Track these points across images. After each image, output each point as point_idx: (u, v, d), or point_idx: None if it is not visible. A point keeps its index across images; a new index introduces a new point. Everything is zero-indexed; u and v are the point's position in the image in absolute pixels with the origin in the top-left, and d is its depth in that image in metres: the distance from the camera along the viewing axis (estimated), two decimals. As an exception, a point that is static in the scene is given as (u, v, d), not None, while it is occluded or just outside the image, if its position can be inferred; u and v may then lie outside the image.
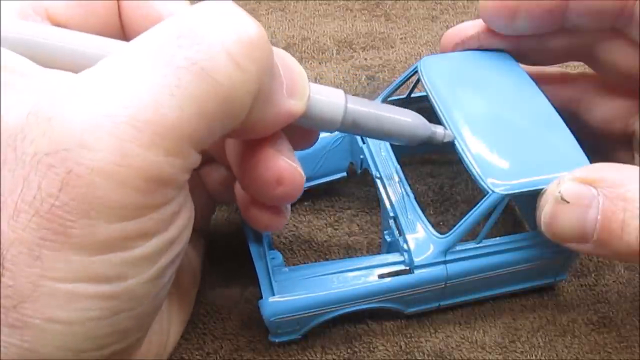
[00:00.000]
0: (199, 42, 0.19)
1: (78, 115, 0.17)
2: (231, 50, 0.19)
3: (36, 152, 0.17)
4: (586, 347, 0.31)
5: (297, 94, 0.23)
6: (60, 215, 0.17)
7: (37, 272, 0.18)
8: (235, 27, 0.19)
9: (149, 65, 0.18)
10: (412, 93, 0.36)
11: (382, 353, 0.31)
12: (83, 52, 0.22)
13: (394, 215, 0.31)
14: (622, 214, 0.24)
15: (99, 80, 0.18)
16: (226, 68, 0.19)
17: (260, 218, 0.27)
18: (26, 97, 0.19)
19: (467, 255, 0.29)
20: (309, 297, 0.28)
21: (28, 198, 0.17)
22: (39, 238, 0.17)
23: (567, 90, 0.35)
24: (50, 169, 0.17)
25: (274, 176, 0.24)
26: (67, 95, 0.18)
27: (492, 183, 0.27)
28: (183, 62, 0.18)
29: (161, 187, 0.19)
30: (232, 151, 0.26)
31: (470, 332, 0.32)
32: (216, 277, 0.34)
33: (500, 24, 0.31)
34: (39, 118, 0.18)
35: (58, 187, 0.17)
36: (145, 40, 0.19)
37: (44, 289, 0.18)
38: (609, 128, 0.33)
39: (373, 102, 0.27)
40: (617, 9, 0.28)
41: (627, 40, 0.30)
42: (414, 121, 0.27)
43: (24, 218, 0.17)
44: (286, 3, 0.53)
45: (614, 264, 0.35)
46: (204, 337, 0.31)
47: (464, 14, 0.52)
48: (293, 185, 0.25)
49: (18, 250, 0.17)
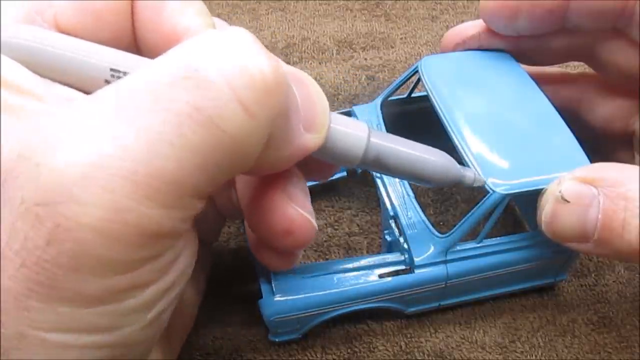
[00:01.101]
0: (205, 86, 0.17)
1: (69, 166, 0.16)
2: (242, 96, 0.17)
3: (24, 199, 0.16)
4: (586, 347, 0.31)
5: (316, 127, 0.21)
6: (48, 268, 0.16)
7: (25, 322, 0.17)
8: (247, 68, 0.17)
9: (148, 108, 0.17)
10: (412, 93, 0.36)
11: (382, 353, 0.31)
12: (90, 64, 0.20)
13: (394, 215, 0.31)
14: (623, 213, 0.24)
15: (93, 122, 0.17)
16: (235, 116, 0.17)
17: (268, 260, 0.26)
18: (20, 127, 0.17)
19: (468, 255, 0.29)
20: (309, 296, 0.28)
21: (15, 247, 0.16)
22: (26, 289, 0.16)
23: (568, 90, 0.35)
24: (37, 220, 0.16)
25: (283, 226, 0.23)
26: (59, 138, 0.17)
27: (492, 183, 0.27)
28: (186, 108, 0.16)
29: (157, 241, 0.18)
30: (242, 187, 0.25)
31: (470, 332, 0.32)
32: (216, 276, 0.34)
33: (500, 24, 0.31)
34: (29, 162, 0.16)
35: (45, 240, 0.16)
36: (147, 77, 0.17)
37: (31, 339, 0.17)
38: (609, 128, 0.33)
39: (399, 138, 0.24)
40: (617, 9, 0.28)
41: (628, 40, 0.30)
42: (443, 163, 0.25)
43: (10, 267, 0.16)
44: (286, 3, 0.53)
45: (614, 264, 0.35)
46: (204, 337, 0.31)
47: (464, 14, 0.53)
48: (303, 236, 0.23)
49: (4, 299, 0.16)
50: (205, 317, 0.32)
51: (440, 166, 0.24)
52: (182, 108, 0.17)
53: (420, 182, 0.25)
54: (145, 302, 0.19)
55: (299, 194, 0.23)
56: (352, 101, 0.44)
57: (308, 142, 0.20)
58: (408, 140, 0.24)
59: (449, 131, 0.29)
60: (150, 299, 0.19)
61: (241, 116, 0.17)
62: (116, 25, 0.23)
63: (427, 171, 0.24)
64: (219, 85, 0.17)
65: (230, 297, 0.33)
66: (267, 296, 0.28)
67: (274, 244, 0.24)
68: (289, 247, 0.24)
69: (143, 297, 0.18)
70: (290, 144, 0.20)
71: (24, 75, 0.19)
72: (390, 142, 0.23)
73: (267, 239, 0.24)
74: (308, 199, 0.24)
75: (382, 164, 0.23)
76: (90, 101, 0.18)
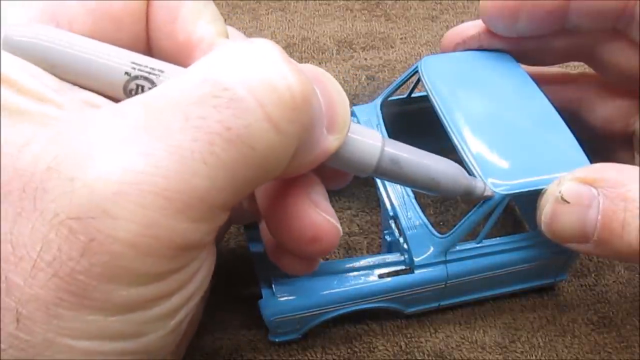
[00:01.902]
0: (235, 105, 0.17)
1: (102, 181, 0.16)
2: (271, 114, 0.17)
3: (57, 212, 0.16)
4: (586, 347, 0.31)
5: (338, 128, 0.21)
6: (81, 279, 0.17)
7: (53, 329, 0.17)
8: (276, 85, 0.17)
9: (178, 126, 0.17)
10: (413, 93, 0.36)
11: (382, 353, 0.31)
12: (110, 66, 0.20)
13: (394, 215, 0.31)
14: (623, 213, 0.24)
15: (122, 137, 0.17)
16: (265, 134, 0.17)
17: (288, 265, 0.26)
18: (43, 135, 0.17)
19: (467, 255, 0.29)
20: (309, 297, 0.28)
21: (47, 258, 0.17)
22: (57, 298, 0.17)
23: (568, 90, 0.35)
24: (72, 233, 0.16)
25: (309, 233, 0.22)
26: (90, 153, 0.17)
27: (492, 183, 0.27)
28: (217, 127, 0.17)
29: (186, 253, 0.18)
30: (262, 194, 0.24)
31: (470, 332, 0.32)
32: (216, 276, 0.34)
33: (500, 25, 0.31)
34: (60, 175, 0.17)
35: (80, 253, 0.16)
36: (175, 94, 0.17)
37: (59, 346, 0.17)
38: (609, 128, 0.33)
39: (412, 147, 0.24)
40: (618, 9, 0.28)
41: (628, 40, 0.30)
42: (454, 173, 0.25)
43: (42, 277, 0.17)
44: (286, 3, 0.53)
45: (614, 264, 0.35)
46: (204, 337, 0.31)
47: (464, 14, 0.53)
48: (329, 242, 0.23)
49: (35, 307, 0.17)
50: (206, 317, 0.32)
51: (451, 176, 0.25)
52: (213, 127, 0.17)
53: (431, 191, 0.25)
54: (170, 310, 0.19)
55: (322, 200, 0.23)
56: (352, 101, 0.44)
57: (330, 144, 0.21)
58: (420, 150, 0.25)
59: (448, 131, 0.29)
60: (174, 307, 0.19)
61: (271, 134, 0.17)
62: (132, 30, 0.23)
63: (438, 180, 0.24)
64: (249, 104, 0.17)
65: (230, 297, 0.33)
66: (267, 296, 0.28)
67: (299, 250, 0.24)
68: (315, 253, 0.24)
69: (168, 305, 0.19)
70: (315, 149, 0.20)
71: (43, 80, 0.19)
72: (404, 152, 0.24)
73: (291, 245, 0.24)
74: (329, 204, 0.24)
75: (395, 173, 0.24)
76: (118, 114, 0.18)
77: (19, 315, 0.17)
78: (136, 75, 0.20)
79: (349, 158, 0.22)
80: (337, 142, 0.21)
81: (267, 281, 0.29)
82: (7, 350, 0.17)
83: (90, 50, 0.20)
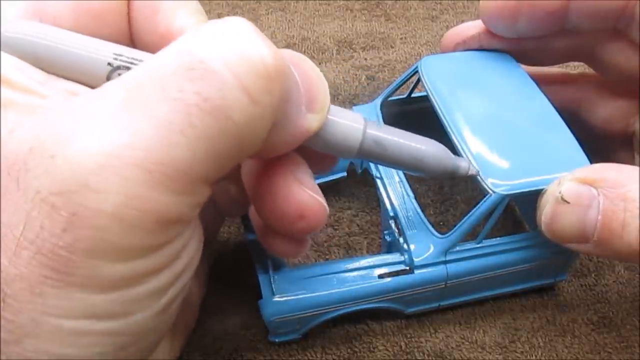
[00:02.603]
0: (211, 76, 0.17)
1: (84, 156, 0.17)
2: (246, 85, 0.18)
3: (39, 189, 0.17)
4: (586, 347, 0.31)
5: (317, 107, 0.21)
6: (64, 255, 0.17)
7: (39, 308, 0.17)
8: (249, 56, 0.18)
9: (157, 99, 0.17)
10: (412, 93, 0.36)
11: (382, 353, 0.31)
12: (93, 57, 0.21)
13: (394, 215, 0.31)
14: (623, 213, 0.24)
15: (103, 114, 0.17)
16: (241, 104, 0.18)
17: (278, 247, 0.26)
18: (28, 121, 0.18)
19: (468, 256, 0.29)
20: (309, 297, 0.28)
21: (30, 236, 0.17)
22: (41, 276, 0.17)
23: (568, 90, 0.35)
24: (53, 209, 0.16)
25: (295, 210, 0.23)
26: (72, 131, 0.17)
27: (492, 183, 0.27)
28: (194, 98, 0.17)
29: (170, 226, 0.18)
30: (248, 174, 0.25)
31: (470, 332, 0.32)
32: (216, 277, 0.34)
33: (500, 26, 0.31)
34: (42, 153, 0.17)
35: (62, 228, 0.16)
36: (153, 70, 0.18)
37: (46, 326, 0.17)
38: (609, 128, 0.33)
39: (395, 128, 0.25)
40: (618, 9, 0.28)
41: (628, 41, 0.30)
42: (438, 152, 0.25)
43: (26, 255, 0.17)
44: (286, 3, 0.53)
45: (614, 264, 0.35)
46: (204, 337, 0.31)
47: (464, 14, 0.53)
48: (316, 219, 0.23)
49: (19, 287, 0.17)
50: (206, 317, 0.32)
51: (435, 156, 0.25)
52: (190, 98, 0.17)
53: (416, 171, 0.25)
54: (158, 288, 0.19)
55: (307, 178, 0.23)
56: (352, 101, 0.44)
57: (310, 122, 0.21)
58: (403, 131, 0.25)
59: (448, 131, 0.29)
60: (162, 286, 0.19)
61: (247, 104, 0.18)
62: (114, 26, 0.23)
63: (422, 160, 0.25)
64: (224, 75, 0.17)
65: (230, 297, 0.33)
66: (267, 296, 0.28)
67: (286, 229, 0.24)
68: (302, 231, 0.24)
69: (155, 283, 0.19)
70: (294, 126, 0.20)
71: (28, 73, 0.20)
72: (387, 133, 0.24)
73: (278, 225, 0.24)
74: (315, 183, 0.24)
75: (379, 153, 0.24)
76: (98, 94, 0.18)
77: (5, 295, 0.17)
78: (118, 65, 0.21)
79: (332, 140, 0.23)
80: (318, 122, 0.21)
81: (267, 281, 0.29)
82: None
83: (73, 43, 0.21)
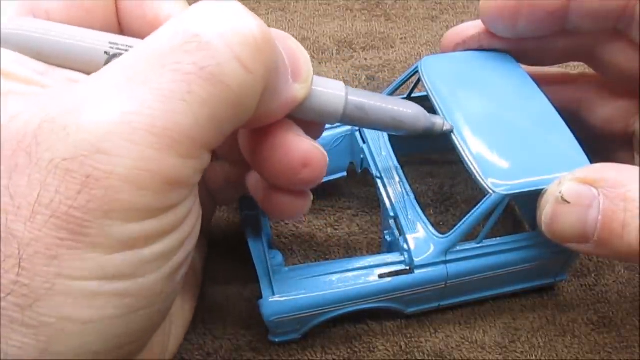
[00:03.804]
0: (206, 47, 0.19)
1: (94, 124, 0.18)
2: (239, 54, 0.19)
3: (53, 157, 0.18)
4: (586, 347, 0.31)
5: (302, 77, 0.23)
6: (78, 216, 0.18)
7: (54, 270, 0.18)
8: (239, 29, 0.19)
9: (157, 71, 0.19)
10: (413, 93, 0.36)
11: (382, 353, 0.31)
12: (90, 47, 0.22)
13: (394, 215, 0.31)
14: (623, 214, 0.24)
15: (109, 88, 0.19)
16: (235, 72, 0.19)
17: (282, 204, 0.26)
18: (33, 104, 0.19)
19: (468, 256, 0.29)
20: (309, 297, 0.28)
21: (45, 201, 0.17)
22: (57, 238, 0.18)
23: (568, 90, 0.34)
24: (68, 173, 0.17)
25: (299, 159, 0.24)
26: (81, 103, 0.18)
27: (492, 183, 0.27)
28: (192, 68, 0.18)
29: (177, 188, 0.19)
30: (245, 140, 0.25)
31: (470, 332, 0.32)
32: (216, 276, 0.34)
33: (500, 26, 0.31)
34: (54, 126, 0.18)
35: (77, 190, 0.17)
36: (150, 47, 0.19)
37: (59, 287, 0.18)
38: (609, 128, 0.33)
39: (373, 93, 0.27)
40: (618, 10, 0.28)
41: (628, 41, 0.30)
42: (414, 112, 0.27)
43: (40, 220, 0.17)
44: (286, 3, 0.53)
45: (614, 264, 0.35)
46: (204, 337, 0.31)
47: (464, 14, 0.53)
48: (319, 167, 0.24)
49: (34, 250, 0.18)
50: (206, 316, 0.32)
51: (412, 116, 0.27)
52: (188, 68, 0.18)
53: (396, 131, 0.27)
54: (164, 251, 0.20)
55: (304, 133, 0.25)
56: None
57: (297, 91, 0.23)
58: (382, 95, 0.27)
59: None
60: (168, 250, 0.20)
61: (240, 71, 0.19)
62: (103, 18, 0.25)
63: (401, 121, 0.27)
64: (218, 46, 0.19)
65: (230, 297, 0.33)
66: (266, 296, 0.28)
67: (291, 182, 0.25)
68: (307, 180, 0.25)
69: (162, 246, 0.20)
70: (282, 94, 0.22)
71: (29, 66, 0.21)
72: (367, 98, 0.26)
73: (283, 179, 0.25)
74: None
75: (361, 117, 0.26)
76: (100, 74, 0.19)
77: (21, 260, 0.17)
78: (114, 53, 0.22)
79: (317, 107, 0.25)
80: (304, 91, 0.23)
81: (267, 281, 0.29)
82: (6, 298, 0.17)
83: (70, 35, 0.22)
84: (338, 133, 0.35)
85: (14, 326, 0.18)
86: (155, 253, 0.20)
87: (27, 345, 0.18)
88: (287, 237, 0.36)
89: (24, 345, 0.18)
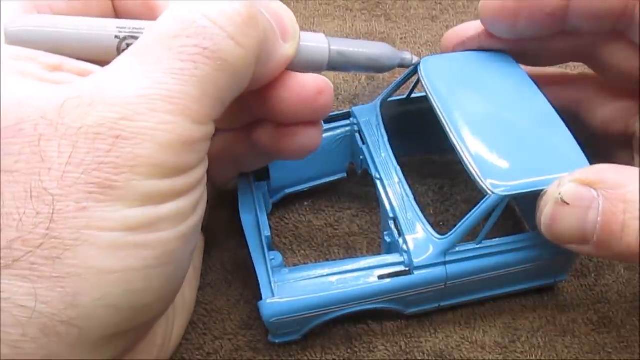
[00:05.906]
0: (203, 31, 0.22)
1: (117, 98, 0.21)
2: (231, 33, 0.22)
3: (81, 125, 0.20)
4: (586, 347, 0.31)
5: (289, 36, 0.26)
6: (107, 171, 0.20)
7: (83, 222, 0.20)
8: (227, 11, 0.22)
9: (166, 56, 0.22)
10: (412, 93, 0.36)
11: (382, 353, 0.31)
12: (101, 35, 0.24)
13: (393, 216, 0.31)
14: (622, 215, 0.24)
15: (126, 71, 0.21)
16: (230, 48, 0.22)
17: (300, 137, 0.29)
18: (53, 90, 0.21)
19: (467, 256, 0.29)
20: (309, 298, 0.28)
21: (76, 160, 0.20)
22: (86, 192, 0.20)
23: (568, 91, 0.34)
24: (98, 136, 0.20)
25: (314, 88, 0.27)
26: (102, 84, 0.21)
27: (491, 184, 0.27)
28: (195, 50, 0.22)
29: (191, 150, 0.22)
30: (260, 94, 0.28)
31: (470, 332, 0.32)
32: (216, 277, 0.34)
33: (500, 27, 0.31)
34: (79, 102, 0.21)
35: (107, 150, 0.20)
36: (156, 34, 0.22)
37: (86, 237, 0.20)
38: (609, 129, 0.33)
39: (350, 39, 0.31)
40: (618, 10, 0.28)
41: (628, 42, 0.30)
42: (386, 51, 0.31)
43: (72, 176, 0.20)
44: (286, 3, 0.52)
45: (614, 264, 0.35)
46: (204, 337, 0.31)
47: (464, 14, 0.52)
48: (330, 92, 0.28)
49: (65, 204, 0.20)
50: (206, 317, 0.32)
51: (385, 55, 0.31)
52: (192, 50, 0.22)
53: (372, 70, 0.31)
54: (179, 211, 0.22)
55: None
56: (352, 101, 0.44)
57: (287, 50, 0.26)
58: (356, 40, 0.33)
59: (447, 132, 0.29)
60: (182, 210, 0.22)
61: (235, 47, 0.22)
62: (100, 6, 0.27)
63: (376, 60, 0.30)
64: (212, 29, 0.22)
65: (230, 297, 0.33)
66: (266, 297, 0.28)
67: (308, 110, 0.28)
68: (323, 106, 0.28)
69: (177, 205, 0.22)
70: (275, 56, 0.25)
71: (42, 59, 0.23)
72: (345, 45, 0.29)
73: (300, 109, 0.27)
74: None
75: (342, 62, 0.29)
76: (114, 63, 0.22)
77: (53, 213, 0.19)
78: (124, 36, 0.24)
79: (306, 60, 0.28)
80: (293, 48, 0.26)
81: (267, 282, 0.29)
82: (34, 251, 0.19)
83: (79, 26, 0.24)
84: (338, 134, 0.35)
85: (43, 281, 0.19)
86: (171, 210, 0.22)
87: (54, 299, 0.19)
88: (287, 237, 0.36)
89: (52, 298, 0.19)
